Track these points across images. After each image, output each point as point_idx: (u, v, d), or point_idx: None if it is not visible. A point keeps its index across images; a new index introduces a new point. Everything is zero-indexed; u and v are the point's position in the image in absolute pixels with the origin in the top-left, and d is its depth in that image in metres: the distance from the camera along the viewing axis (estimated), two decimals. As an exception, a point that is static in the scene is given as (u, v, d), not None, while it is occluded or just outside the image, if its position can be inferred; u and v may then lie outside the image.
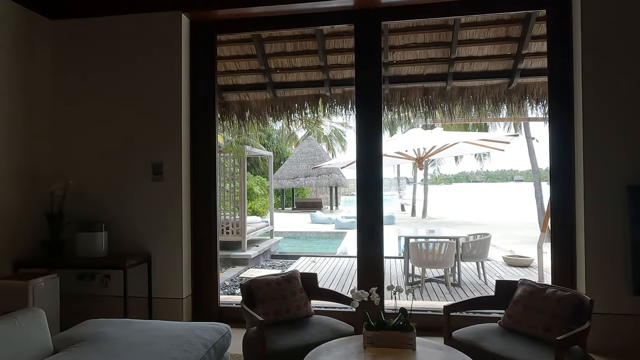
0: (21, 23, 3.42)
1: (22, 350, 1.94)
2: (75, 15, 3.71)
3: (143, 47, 3.60)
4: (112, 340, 2.13)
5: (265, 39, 4.64)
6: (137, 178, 3.58)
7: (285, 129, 24.28)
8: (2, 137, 3.23)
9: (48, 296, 3.06)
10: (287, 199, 25.52)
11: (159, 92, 3.58)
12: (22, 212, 3.40)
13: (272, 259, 9.42)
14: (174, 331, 2.28)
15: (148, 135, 3.58)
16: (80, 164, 3.67)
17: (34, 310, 2.12)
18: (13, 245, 3.31)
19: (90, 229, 3.31)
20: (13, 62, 3.34)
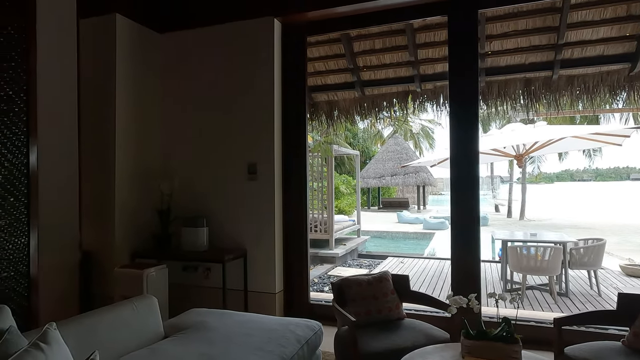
0: (136, 38, 3.82)
1: (139, 333, 2.14)
2: (179, 28, 4.04)
3: (239, 53, 3.80)
4: (213, 330, 2.26)
5: (354, 37, 4.63)
6: (234, 177, 3.79)
7: (371, 127, 24.13)
8: (123, 145, 3.64)
9: (158, 284, 3.36)
10: (372, 198, 25.36)
11: (254, 94, 3.75)
12: (138, 208, 3.79)
13: (359, 258, 9.41)
14: (269, 325, 2.36)
15: (244, 136, 3.77)
16: (185, 165, 3.99)
17: (148, 298, 2.34)
18: (131, 238, 3.71)
19: (193, 224, 3.58)
20: (130, 74, 3.74)
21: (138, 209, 3.80)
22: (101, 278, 3.63)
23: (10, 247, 2.72)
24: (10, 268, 2.72)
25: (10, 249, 2.72)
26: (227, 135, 3.83)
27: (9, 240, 2.72)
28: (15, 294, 2.75)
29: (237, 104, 3.80)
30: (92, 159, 3.59)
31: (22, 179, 2.79)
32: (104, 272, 3.62)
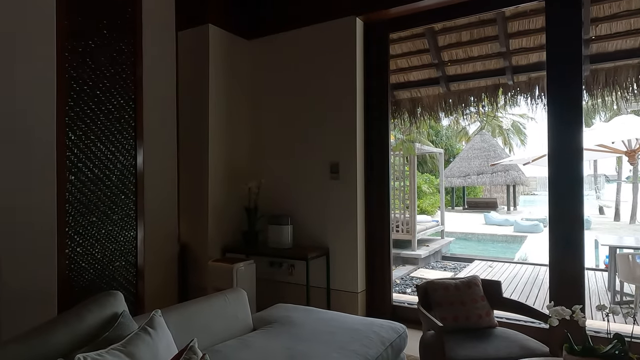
0: (226, 45, 4.06)
1: (230, 324, 2.27)
2: (265, 34, 4.21)
3: (321, 54, 3.85)
4: (298, 325, 2.32)
5: (439, 31, 4.46)
6: (317, 177, 3.86)
7: (455, 124, 23.08)
8: (215, 146, 3.90)
9: (247, 279, 3.54)
10: (457, 198, 24.25)
11: (337, 95, 3.78)
12: (228, 206, 4.03)
13: (443, 260, 9.05)
14: (353, 324, 2.36)
15: (327, 136, 3.81)
16: (271, 165, 4.15)
17: (239, 291, 2.47)
18: (222, 234, 3.96)
19: (278, 222, 3.71)
20: (221, 80, 3.98)
21: (228, 206, 4.03)
22: (196, 270, 3.92)
23: (122, 240, 3.05)
24: (121, 258, 3.05)
25: (122, 241, 3.05)
26: (310, 135, 3.91)
27: (121, 233, 3.04)
28: (126, 282, 3.08)
29: (320, 104, 3.86)
30: (189, 160, 3.90)
31: (131, 178, 3.11)
32: (199, 265, 3.90)
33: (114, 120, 3.00)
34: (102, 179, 2.93)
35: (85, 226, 2.83)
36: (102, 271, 2.93)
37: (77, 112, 2.80)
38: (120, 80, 3.05)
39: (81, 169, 2.82)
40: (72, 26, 2.77)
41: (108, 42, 2.98)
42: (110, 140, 2.98)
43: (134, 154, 3.13)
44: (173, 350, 1.52)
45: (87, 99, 2.85)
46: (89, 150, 2.86)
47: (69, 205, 2.75)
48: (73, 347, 1.44)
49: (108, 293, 1.65)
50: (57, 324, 1.46)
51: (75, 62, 2.79)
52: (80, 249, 2.81)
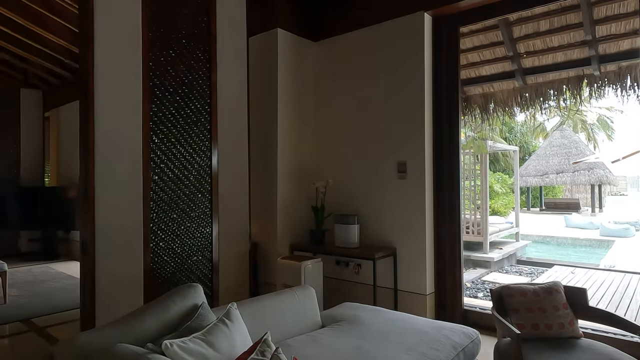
0: (294, 48, 4.15)
1: (299, 320, 2.33)
2: (331, 35, 4.25)
3: (389, 52, 3.81)
4: (366, 325, 2.32)
5: (514, 21, 4.21)
6: (384, 176, 3.82)
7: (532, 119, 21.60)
8: (283, 146, 4.01)
9: (314, 276, 3.60)
10: (533, 199, 22.71)
11: (404, 92, 3.72)
12: (296, 205, 4.13)
13: (518, 264, 8.53)
14: (421, 327, 2.31)
15: (393, 135, 3.77)
16: (337, 164, 4.18)
17: (308, 288, 2.52)
18: (290, 232, 4.07)
19: (345, 221, 3.73)
20: (288, 82, 4.09)
21: (296, 206, 4.13)
22: (265, 267, 4.07)
23: (199, 236, 3.24)
24: (199, 253, 3.25)
25: (199, 237, 3.24)
26: (377, 134, 3.88)
27: (198, 229, 3.24)
28: (202, 276, 3.27)
29: (387, 102, 3.82)
30: (258, 161, 4.05)
31: (207, 178, 3.30)
32: (268, 262, 4.04)
33: (191, 124, 3.20)
34: (181, 179, 3.14)
35: (167, 222, 3.05)
36: (181, 265, 3.14)
37: (159, 117, 3.02)
38: (197, 86, 3.25)
39: (163, 170, 3.04)
40: (155, 38, 2.99)
41: (186, 50, 3.19)
42: (188, 142, 3.18)
43: (209, 155, 3.31)
44: (248, 342, 1.59)
45: (168, 105, 3.07)
46: (170, 152, 3.08)
47: (153, 203, 2.98)
48: (159, 333, 1.56)
49: (189, 285, 1.77)
50: (145, 312, 1.60)
51: (158, 71, 3.02)
52: (162, 244, 3.03)
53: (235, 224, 3.49)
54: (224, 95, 3.40)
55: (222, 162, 3.38)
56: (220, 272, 3.37)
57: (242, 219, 3.55)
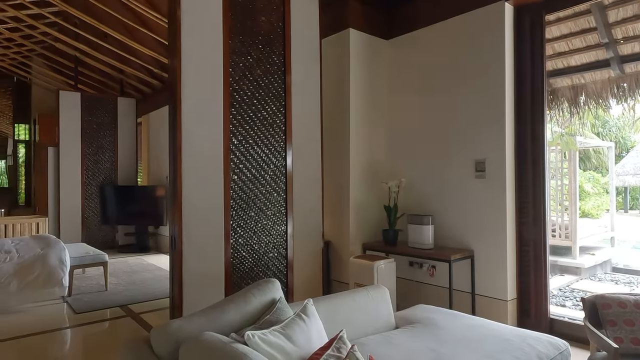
0: (365, 47, 4.15)
1: (373, 320, 2.32)
2: (404, 32, 4.18)
3: (465, 46, 3.66)
4: (443, 328, 2.25)
5: (609, 4, 3.82)
6: (460, 175, 3.68)
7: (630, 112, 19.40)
8: (355, 146, 4.03)
9: (387, 277, 3.57)
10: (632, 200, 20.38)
11: (482, 87, 3.55)
12: (368, 205, 4.12)
13: (613, 272, 7.72)
14: (502, 334, 2.19)
15: (471, 132, 3.61)
16: (411, 163, 4.11)
17: (381, 288, 2.51)
18: (362, 231, 4.07)
19: (419, 221, 3.65)
20: (360, 81, 4.09)
21: (368, 205, 4.12)
22: (338, 266, 4.11)
23: (275, 233, 3.37)
24: (274, 250, 3.37)
25: (274, 234, 3.37)
26: (453, 132, 3.75)
27: (273, 227, 3.36)
28: (278, 272, 3.39)
29: (464, 99, 3.67)
30: (331, 160, 4.10)
31: (282, 177, 3.42)
32: (340, 260, 4.08)
33: (267, 126, 3.34)
34: (258, 178, 3.29)
35: (246, 220, 3.21)
36: (258, 261, 3.28)
37: (238, 120, 3.19)
38: (273, 89, 3.38)
39: (242, 170, 3.21)
40: (235, 45, 3.16)
41: (263, 55, 3.32)
42: (264, 143, 3.32)
43: (284, 155, 3.43)
44: (323, 338, 1.63)
45: (246, 107, 3.23)
46: (248, 153, 3.23)
47: (233, 202, 3.15)
48: (241, 324, 1.65)
49: (267, 280, 1.85)
50: (228, 304, 1.70)
51: (237, 76, 3.19)
52: (241, 240, 3.20)
53: (309, 223, 3.57)
54: (298, 96, 3.50)
55: (296, 162, 3.48)
56: (294, 269, 3.47)
57: (315, 217, 3.62)
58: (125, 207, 7.48)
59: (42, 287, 4.13)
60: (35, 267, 4.12)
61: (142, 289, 4.82)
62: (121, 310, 4.13)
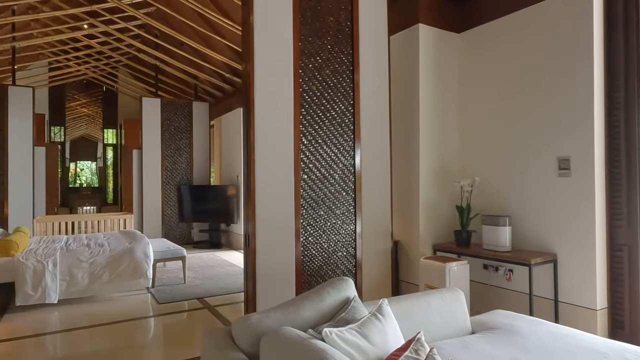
0: (435, 41, 4.02)
1: (447, 323, 2.25)
2: (476, 24, 3.99)
3: (544, 35, 3.42)
4: (525, 336, 2.12)
5: None
6: (541, 174, 3.45)
7: None
8: (425, 144, 3.92)
9: (460, 279, 3.43)
10: None
11: (567, 79, 3.29)
12: (439, 204, 4.00)
13: None
14: (595, 346, 2.01)
15: (553, 128, 3.36)
16: (484, 161, 3.92)
17: (456, 291, 2.42)
18: (432, 232, 3.96)
19: (494, 222, 3.47)
20: (430, 77, 3.98)
21: (439, 205, 4.00)
22: (407, 266, 4.03)
23: (343, 232, 3.38)
24: (343, 249, 3.38)
25: (343, 233, 3.38)
26: (533, 128, 3.52)
27: (342, 226, 3.37)
28: (347, 271, 3.40)
29: (546, 92, 3.43)
30: (400, 159, 4.03)
31: (350, 177, 3.42)
32: (410, 261, 3.99)
33: (336, 125, 3.36)
34: (327, 178, 3.32)
35: (315, 218, 3.25)
36: (327, 259, 3.32)
37: (308, 120, 3.24)
38: (342, 88, 3.39)
39: (311, 169, 3.25)
40: (304, 47, 3.22)
41: (331, 56, 3.35)
42: (333, 142, 3.34)
43: (352, 155, 3.43)
44: (399, 338, 1.60)
45: (316, 108, 3.27)
46: (317, 153, 3.27)
47: (303, 200, 3.21)
48: (316, 320, 1.67)
49: (341, 279, 1.86)
50: (304, 300, 1.73)
51: (306, 77, 3.25)
52: (311, 239, 3.24)
53: (378, 222, 3.54)
54: (367, 95, 3.48)
55: (364, 161, 3.47)
56: (363, 269, 3.45)
57: (384, 217, 3.58)
58: (199, 206, 7.93)
59: (129, 278, 4.50)
60: (124, 259, 4.50)
61: (217, 283, 5.07)
62: (198, 302, 4.39)
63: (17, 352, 3.21)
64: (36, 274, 4.06)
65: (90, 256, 4.44)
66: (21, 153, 6.93)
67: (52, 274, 4.13)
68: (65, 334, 3.57)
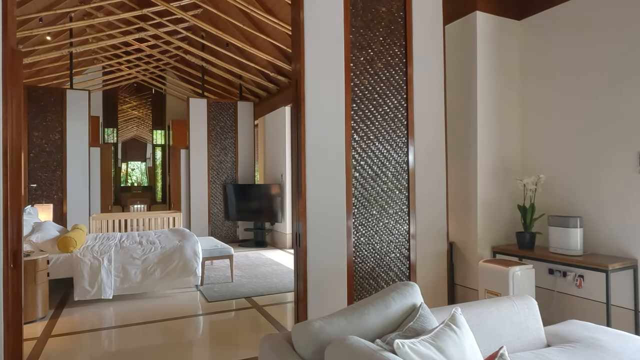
0: (494, 29, 3.77)
1: (520, 334, 2.05)
2: (539, 10, 3.70)
3: (619, 16, 3.09)
4: (612, 353, 1.88)
5: None
6: (617, 170, 3.13)
7: None
8: (484, 140, 3.68)
9: (524, 285, 3.18)
10: None
11: (646, 65, 2.97)
12: (499, 204, 3.74)
13: None
14: (699, 367, 1.75)
15: (632, 118, 3.04)
16: (550, 158, 3.62)
17: (527, 298, 2.20)
18: (492, 233, 3.71)
19: (563, 224, 3.19)
20: (489, 68, 3.73)
21: (499, 205, 3.74)
22: (463, 269, 3.80)
23: (396, 233, 3.22)
24: (396, 250, 3.22)
25: (396, 234, 3.22)
26: (609, 121, 3.20)
27: (395, 226, 3.22)
28: (400, 273, 3.24)
29: (620, 79, 3.11)
30: (457, 156, 3.81)
31: (404, 174, 3.26)
32: (466, 264, 3.76)
33: (389, 120, 3.20)
34: (380, 175, 3.17)
35: (367, 218, 3.12)
36: (380, 260, 3.17)
37: (359, 115, 3.11)
38: (394, 81, 3.23)
39: (363, 167, 3.12)
40: (355, 39, 3.09)
41: (383, 48, 3.20)
42: (385, 139, 3.19)
43: (406, 151, 3.26)
44: (477, 352, 1.44)
45: (367, 102, 3.13)
46: (369, 149, 3.14)
47: (355, 199, 3.08)
48: (382, 329, 1.54)
49: (406, 284, 1.72)
50: (367, 306, 1.60)
51: (357, 71, 3.11)
52: (363, 239, 3.11)
53: (433, 223, 3.35)
54: (420, 88, 3.30)
55: (418, 158, 3.29)
56: (417, 272, 3.28)
57: (439, 217, 3.39)
58: (244, 204, 7.99)
59: (179, 275, 4.55)
60: (174, 257, 4.56)
61: (264, 283, 5.05)
62: (246, 301, 4.36)
63: (75, 346, 3.30)
64: (93, 270, 4.18)
65: (142, 253, 4.53)
66: (78, 153, 7.25)
67: (107, 270, 4.25)
68: (120, 329, 3.64)
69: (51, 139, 7.04)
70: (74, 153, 7.16)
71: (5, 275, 2.13)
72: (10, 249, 2.18)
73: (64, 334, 3.50)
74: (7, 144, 2.16)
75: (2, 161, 2.16)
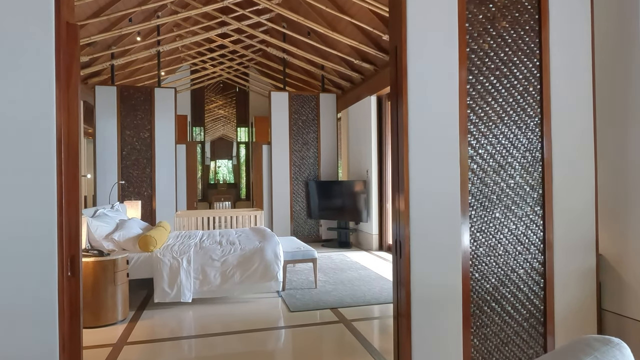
0: None
1: None
2: None
3: None
4: None
5: None
6: None
7: None
8: None
9: None
10: None
11: None
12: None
13: None
14: None
15: None
16: None
17: None
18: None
19: None
20: None
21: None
22: (616, 291, 2.89)
23: (526, 242, 2.48)
24: (526, 264, 2.48)
25: (526, 243, 2.48)
26: None
27: (525, 233, 2.49)
28: (532, 294, 2.48)
29: None
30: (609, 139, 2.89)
31: (536, 166, 2.50)
32: (622, 285, 2.84)
33: (517, 95, 2.45)
34: (505, 167, 2.44)
35: (488, 222, 2.41)
36: (505, 277, 2.44)
37: (477, 90, 2.40)
38: (524, 45, 2.47)
39: (482, 156, 2.41)
40: (472, -9, 2.39)
41: (509, 1, 2.46)
42: (512, 119, 2.45)
43: (539, 135, 2.48)
44: None
45: (488, 73, 2.41)
46: (490, 134, 2.42)
47: (472, 198, 2.39)
48: None
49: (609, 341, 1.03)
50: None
51: (475, 32, 2.41)
52: (482, 249, 2.41)
53: (576, 229, 2.54)
54: (559, 54, 2.49)
55: (557, 145, 2.49)
56: (555, 293, 2.50)
57: (584, 222, 2.56)
58: (327, 202, 7.53)
59: (259, 280, 4.18)
60: (254, 260, 4.20)
61: (350, 291, 4.50)
62: (332, 313, 3.85)
63: (150, 357, 3.04)
64: (172, 271, 3.97)
65: (221, 254, 4.24)
66: (165, 151, 7.34)
67: (186, 272, 4.01)
68: (199, 340, 3.33)
69: (141, 137, 7.20)
70: (161, 150, 7.25)
71: (60, 284, 1.84)
72: (67, 255, 1.89)
73: (141, 341, 3.27)
74: (62, 131, 1.87)
75: (56, 152, 1.86)
